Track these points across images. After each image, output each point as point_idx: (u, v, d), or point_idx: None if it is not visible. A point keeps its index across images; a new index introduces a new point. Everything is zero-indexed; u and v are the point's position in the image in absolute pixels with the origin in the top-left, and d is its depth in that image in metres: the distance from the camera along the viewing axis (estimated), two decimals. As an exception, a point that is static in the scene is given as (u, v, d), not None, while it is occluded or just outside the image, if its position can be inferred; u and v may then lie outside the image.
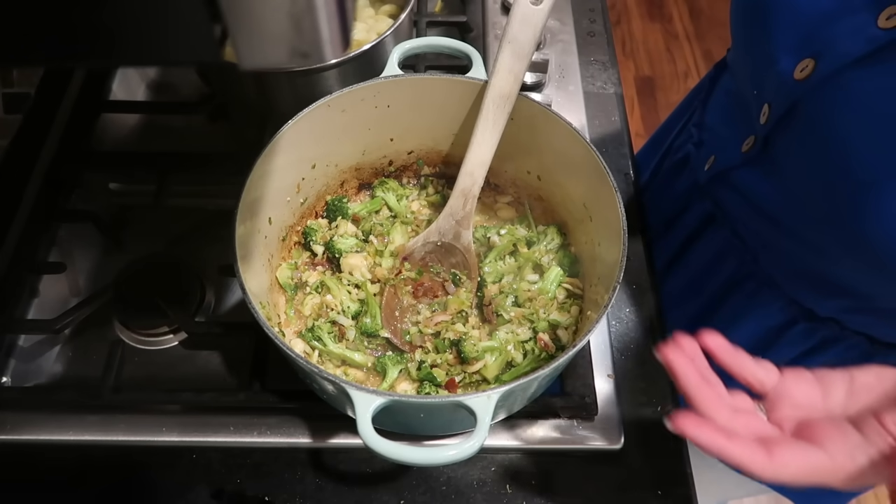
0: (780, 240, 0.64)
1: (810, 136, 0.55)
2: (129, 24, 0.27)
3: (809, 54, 0.53)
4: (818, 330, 0.68)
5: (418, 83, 0.64)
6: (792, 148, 0.57)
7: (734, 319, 0.73)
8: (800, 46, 0.54)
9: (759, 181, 0.63)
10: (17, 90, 0.84)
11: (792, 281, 0.67)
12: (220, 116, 0.83)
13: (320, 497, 0.60)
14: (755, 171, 0.63)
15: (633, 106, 2.17)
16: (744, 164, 0.64)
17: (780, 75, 0.55)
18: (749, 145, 0.63)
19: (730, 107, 0.70)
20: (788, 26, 0.55)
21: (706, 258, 0.75)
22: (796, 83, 0.54)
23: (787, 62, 0.54)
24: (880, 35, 0.48)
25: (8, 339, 0.67)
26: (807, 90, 0.53)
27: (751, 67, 0.63)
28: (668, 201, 0.81)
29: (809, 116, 0.54)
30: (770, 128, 0.58)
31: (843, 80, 0.51)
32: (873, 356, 0.66)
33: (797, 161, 0.57)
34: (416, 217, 0.71)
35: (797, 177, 0.58)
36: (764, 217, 0.64)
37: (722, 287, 0.74)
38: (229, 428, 0.62)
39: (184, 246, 0.76)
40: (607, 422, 0.62)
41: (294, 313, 0.65)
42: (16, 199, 0.74)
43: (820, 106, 0.53)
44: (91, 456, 0.61)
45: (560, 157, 0.64)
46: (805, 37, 0.53)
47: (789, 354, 0.71)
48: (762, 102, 0.59)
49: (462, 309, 0.64)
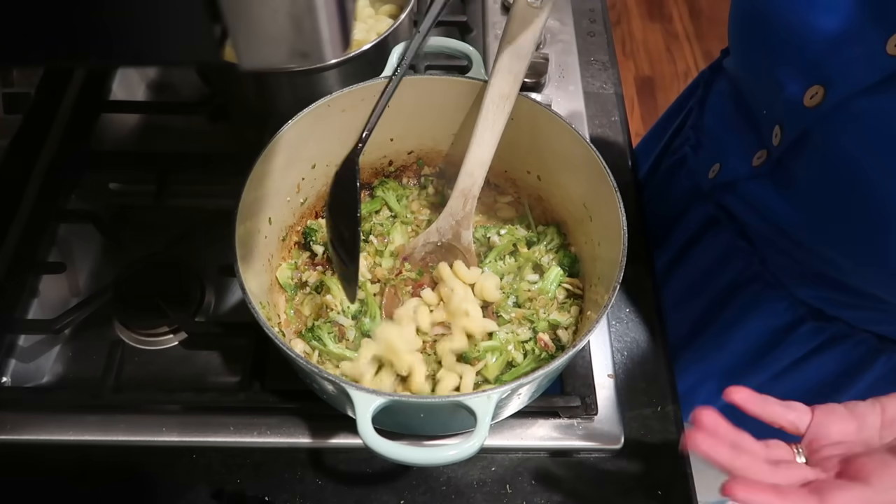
0: (791, 248, 0.63)
1: (825, 161, 0.54)
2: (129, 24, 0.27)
3: (818, 81, 0.52)
4: (826, 329, 0.67)
5: (418, 83, 0.64)
6: (806, 171, 0.57)
7: (739, 320, 0.73)
8: (807, 73, 0.53)
9: (771, 194, 0.62)
10: (17, 90, 0.84)
11: (801, 283, 0.66)
12: (220, 117, 0.82)
13: (320, 497, 0.60)
14: (767, 184, 0.62)
15: (633, 106, 2.17)
16: (754, 177, 0.64)
17: (790, 101, 0.54)
18: (761, 160, 0.62)
19: (731, 113, 0.69)
20: (793, 51, 0.54)
21: (709, 260, 0.75)
22: (807, 110, 0.53)
23: (795, 88, 0.54)
24: (890, 63, 0.47)
25: (8, 339, 0.67)
26: (818, 117, 0.52)
27: (756, 87, 0.62)
28: (667, 203, 0.80)
29: (822, 143, 0.53)
30: (783, 150, 0.58)
31: (854, 108, 0.50)
32: (881, 353, 0.66)
33: (812, 184, 0.57)
34: (416, 217, 0.71)
35: (813, 197, 0.58)
36: (774, 227, 0.64)
37: (726, 288, 0.74)
38: (229, 428, 0.62)
39: (184, 246, 0.76)
40: (607, 422, 0.62)
41: (294, 313, 0.65)
42: (16, 199, 0.74)
43: (832, 133, 0.52)
44: (91, 456, 0.61)
45: (560, 157, 0.64)
46: (812, 63, 0.52)
47: (796, 353, 0.71)
48: (773, 122, 0.58)
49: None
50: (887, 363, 0.66)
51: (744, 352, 0.75)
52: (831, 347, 0.68)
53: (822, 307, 0.66)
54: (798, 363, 0.72)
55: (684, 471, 0.61)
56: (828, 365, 0.70)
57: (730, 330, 0.75)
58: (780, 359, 0.73)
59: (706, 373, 0.80)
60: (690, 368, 0.81)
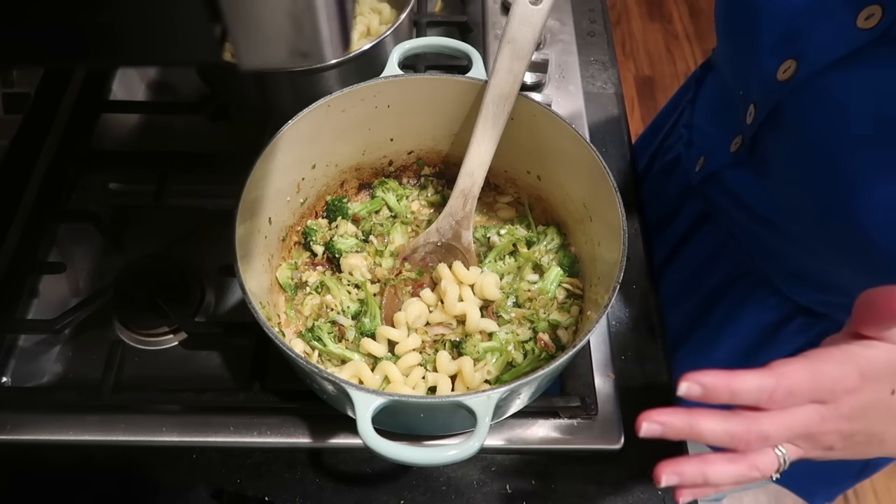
0: (774, 241, 0.64)
1: (795, 135, 0.54)
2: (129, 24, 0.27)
3: (791, 55, 0.52)
4: (815, 325, 0.68)
5: (418, 83, 0.64)
6: (778, 147, 0.57)
7: (730, 317, 0.73)
8: (781, 47, 0.53)
9: (750, 181, 0.63)
10: (17, 90, 0.84)
11: (788, 280, 0.67)
12: (220, 116, 0.83)
13: (320, 497, 0.60)
14: (745, 171, 0.63)
15: (633, 106, 2.17)
16: (733, 165, 0.64)
17: (764, 76, 0.55)
18: (737, 145, 0.63)
19: (717, 106, 0.70)
20: (769, 26, 0.54)
21: (701, 257, 0.75)
22: (780, 84, 0.54)
23: (770, 63, 0.54)
24: (860, 35, 0.47)
25: (8, 339, 0.67)
26: (790, 91, 0.53)
27: (736, 67, 0.63)
28: (662, 202, 0.81)
29: (794, 116, 0.54)
30: (756, 128, 0.58)
31: (825, 81, 0.50)
32: None
33: (784, 160, 0.57)
34: (416, 217, 0.71)
35: (786, 176, 0.58)
36: (756, 218, 0.64)
37: (717, 285, 0.74)
38: (229, 428, 0.62)
39: (184, 246, 0.76)
40: (607, 422, 0.62)
41: (294, 313, 0.65)
42: (16, 199, 0.74)
43: (803, 106, 0.53)
44: (91, 456, 0.61)
45: (560, 157, 0.64)
46: (786, 37, 0.53)
47: (787, 349, 0.71)
48: (748, 102, 0.59)
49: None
50: None
51: (736, 348, 0.75)
52: (819, 342, 0.69)
53: (809, 304, 0.66)
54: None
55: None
56: None
57: (722, 326, 0.75)
58: (770, 356, 0.72)
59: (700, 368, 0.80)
60: (685, 364, 0.81)
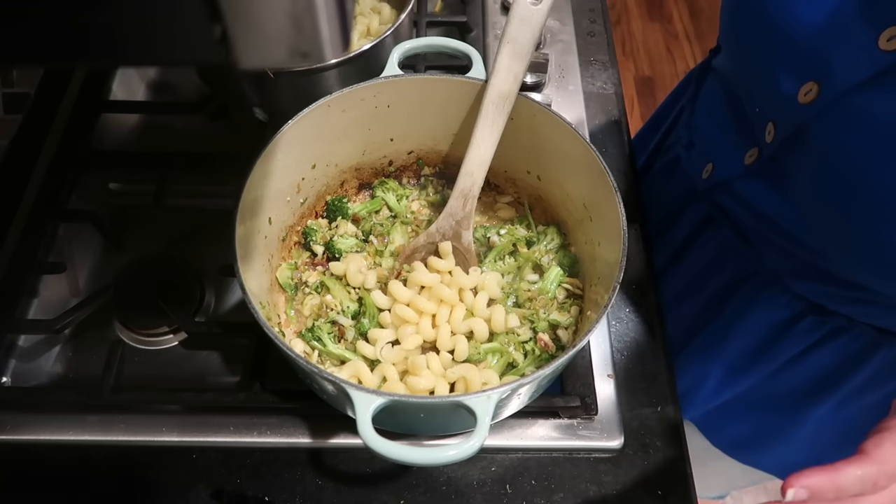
0: (788, 244, 0.63)
1: (819, 158, 0.54)
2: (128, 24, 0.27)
3: (812, 77, 0.51)
4: (826, 322, 0.67)
5: (418, 83, 0.64)
6: (801, 168, 0.56)
7: (738, 317, 0.73)
8: (800, 69, 0.53)
9: (765, 192, 0.62)
10: (17, 90, 0.84)
11: (799, 279, 0.66)
12: (220, 116, 0.83)
13: (320, 497, 0.60)
14: (761, 183, 0.62)
15: (633, 106, 2.17)
16: (747, 176, 0.64)
17: (783, 97, 0.54)
18: (753, 158, 0.62)
19: (722, 112, 0.69)
20: (786, 47, 0.53)
21: (707, 258, 0.75)
22: (802, 107, 0.53)
23: (789, 84, 0.53)
24: (883, 57, 0.47)
25: (8, 339, 0.67)
26: (813, 114, 0.52)
27: (747, 82, 0.62)
28: (663, 203, 0.80)
29: (819, 138, 0.53)
30: (776, 147, 0.57)
31: (848, 104, 0.50)
32: (881, 345, 0.66)
33: (807, 180, 0.56)
34: (416, 217, 0.71)
35: (807, 194, 0.57)
36: (771, 224, 0.63)
37: (724, 286, 0.74)
38: (229, 428, 0.62)
39: (184, 246, 0.76)
40: (607, 422, 0.62)
41: (294, 313, 0.65)
42: (16, 199, 0.74)
43: (827, 129, 0.52)
44: (91, 456, 0.61)
45: (560, 157, 0.64)
46: (804, 59, 0.52)
47: (796, 348, 0.71)
48: (765, 120, 0.58)
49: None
50: (887, 355, 0.66)
51: (744, 348, 0.75)
52: (831, 341, 0.68)
53: (821, 302, 0.66)
54: (798, 357, 0.72)
55: (684, 471, 0.61)
56: (828, 358, 0.70)
57: (729, 327, 0.75)
58: (780, 354, 0.72)
59: (706, 370, 0.80)
60: (690, 366, 0.81)
